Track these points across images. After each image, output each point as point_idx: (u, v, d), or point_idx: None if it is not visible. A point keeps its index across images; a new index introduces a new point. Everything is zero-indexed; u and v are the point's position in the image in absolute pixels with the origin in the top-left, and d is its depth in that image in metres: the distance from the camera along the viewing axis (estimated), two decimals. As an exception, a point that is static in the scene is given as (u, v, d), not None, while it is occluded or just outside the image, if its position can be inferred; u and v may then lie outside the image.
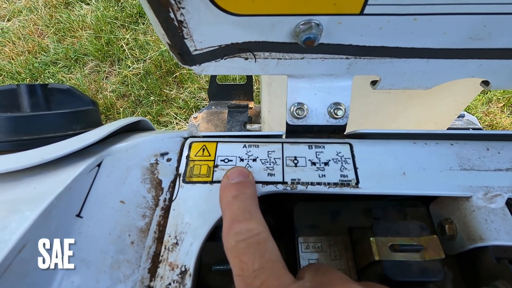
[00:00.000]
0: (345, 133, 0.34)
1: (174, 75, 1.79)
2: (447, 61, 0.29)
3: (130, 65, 1.79)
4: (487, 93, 1.65)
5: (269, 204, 0.42)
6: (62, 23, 1.89)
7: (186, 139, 0.31)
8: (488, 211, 0.26)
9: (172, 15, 0.24)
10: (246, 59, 0.30)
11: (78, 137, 0.23)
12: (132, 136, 0.28)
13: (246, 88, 0.99)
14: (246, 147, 0.30)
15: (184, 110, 1.72)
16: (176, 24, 0.25)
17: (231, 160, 0.29)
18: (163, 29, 0.26)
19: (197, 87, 1.77)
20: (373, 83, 0.35)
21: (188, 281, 0.22)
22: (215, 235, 0.41)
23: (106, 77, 1.80)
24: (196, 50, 0.29)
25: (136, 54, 1.83)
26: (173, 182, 0.28)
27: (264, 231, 0.20)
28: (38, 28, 1.88)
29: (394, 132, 0.31)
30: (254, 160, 0.29)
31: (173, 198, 0.26)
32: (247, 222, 0.20)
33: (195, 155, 0.29)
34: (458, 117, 0.89)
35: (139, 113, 1.69)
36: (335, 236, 0.30)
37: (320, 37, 0.25)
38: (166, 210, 0.26)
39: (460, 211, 0.27)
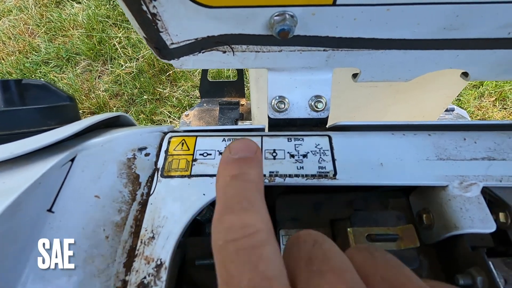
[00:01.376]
0: (327, 126, 0.35)
1: (167, 74, 1.78)
2: (424, 52, 0.29)
3: (123, 64, 1.78)
4: (479, 87, 1.66)
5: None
6: (53, 22, 1.87)
7: (165, 133, 0.31)
8: (464, 200, 0.26)
9: (144, 7, 0.24)
10: (224, 52, 0.30)
11: (50, 132, 0.23)
12: (109, 132, 0.28)
13: (238, 85, 0.99)
14: (225, 140, 0.30)
15: (178, 108, 1.71)
16: (150, 17, 0.25)
17: (210, 154, 0.29)
18: (138, 22, 0.26)
19: (191, 85, 1.77)
20: (354, 76, 0.35)
21: (164, 274, 0.22)
22: (200, 230, 0.41)
23: (99, 76, 1.79)
24: (173, 43, 0.29)
25: (129, 53, 1.82)
26: (151, 176, 0.28)
27: (263, 230, 0.14)
28: (29, 28, 1.86)
29: (373, 124, 0.31)
30: (233, 153, 0.29)
31: (151, 192, 0.26)
32: (243, 214, 0.15)
33: (174, 150, 0.29)
34: (448, 111, 0.90)
35: (133, 112, 1.68)
36: (317, 228, 0.30)
37: (294, 28, 0.25)
38: (144, 204, 0.26)
39: (437, 201, 0.27)
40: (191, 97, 1.73)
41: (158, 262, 0.23)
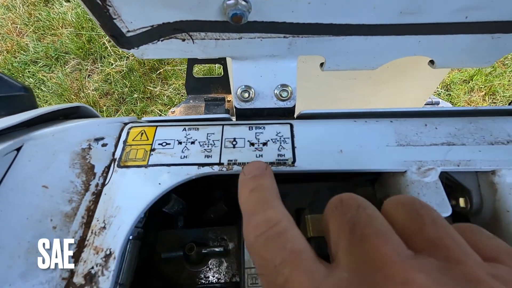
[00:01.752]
0: (295, 116, 0.34)
1: (158, 72, 1.77)
2: (385, 38, 0.29)
3: (113, 62, 1.77)
4: (469, 82, 1.66)
5: (224, 190, 0.42)
6: (41, 21, 1.86)
7: (126, 124, 0.30)
8: (422, 185, 0.25)
9: (92, -8, 0.24)
10: (183, 40, 0.29)
11: (-6, 120, 0.23)
12: (65, 122, 0.28)
13: (224, 81, 0.98)
14: (186, 130, 0.29)
15: (169, 106, 1.70)
16: (99, 2, 0.25)
17: (169, 144, 0.28)
18: (88, 8, 0.25)
19: (182, 83, 1.76)
20: (321, 65, 0.35)
21: (112, 264, 0.22)
22: (172, 222, 0.41)
23: (89, 75, 1.77)
24: (129, 31, 0.28)
25: (119, 51, 1.81)
26: (108, 167, 0.27)
27: (284, 219, 0.17)
28: (17, 27, 1.84)
29: (337, 112, 0.31)
30: (193, 142, 0.28)
31: (106, 182, 0.26)
32: (265, 213, 0.17)
33: (133, 140, 0.29)
34: (433, 104, 0.90)
35: (123, 111, 1.66)
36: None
37: (248, 13, 0.25)
38: (98, 195, 0.25)
39: (396, 187, 0.27)
40: (182, 95, 1.72)
41: (107, 252, 0.22)
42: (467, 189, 0.27)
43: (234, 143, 0.28)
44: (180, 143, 0.28)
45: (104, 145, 0.28)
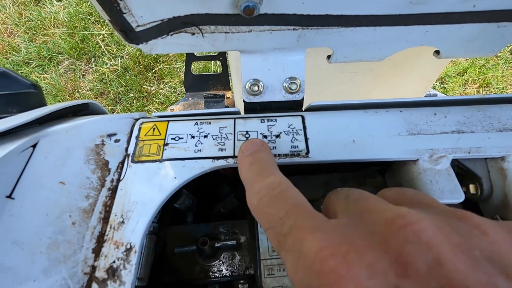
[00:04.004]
0: (303, 108, 0.34)
1: (153, 70, 1.76)
2: (393, 28, 0.29)
3: (108, 62, 1.75)
4: (463, 75, 1.69)
5: (234, 184, 0.42)
6: (33, 21, 1.82)
7: (137, 120, 0.30)
8: (434, 173, 0.26)
9: (103, -14, 0.23)
10: (193, 34, 0.29)
11: (8, 118, 0.22)
12: (76, 119, 0.27)
13: (222, 78, 0.98)
14: (198, 124, 0.29)
15: (166, 105, 1.69)
16: (110, -4, 0.24)
17: (182, 138, 0.28)
18: (99, 3, 0.25)
19: (178, 81, 1.74)
20: (329, 57, 0.35)
21: (133, 257, 0.22)
22: (181, 217, 0.41)
23: (83, 75, 1.75)
24: (138, 26, 0.28)
25: (113, 50, 1.79)
26: (122, 163, 0.27)
27: (284, 182, 0.19)
28: (7, 28, 1.81)
29: (347, 103, 0.31)
30: (206, 136, 0.28)
31: (121, 178, 0.26)
32: (265, 179, 0.19)
33: (145, 135, 0.29)
34: (431, 96, 0.90)
35: (119, 110, 1.65)
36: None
37: (260, 5, 0.25)
38: (113, 190, 0.25)
39: (408, 175, 0.27)
40: (178, 94, 1.71)
41: (127, 246, 0.22)
42: (477, 176, 0.28)
43: (247, 136, 0.28)
44: (193, 137, 0.28)
45: (117, 140, 0.28)
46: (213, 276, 0.33)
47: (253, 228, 0.31)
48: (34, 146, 0.23)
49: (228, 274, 0.33)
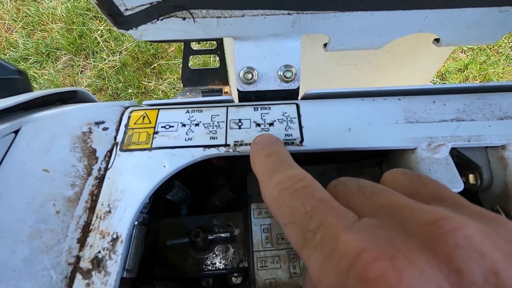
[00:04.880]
0: (299, 98, 0.33)
1: (152, 66, 1.74)
2: (391, 13, 0.28)
3: (106, 57, 1.74)
4: (464, 71, 1.67)
5: (228, 176, 0.41)
6: (30, 16, 1.81)
7: (127, 108, 0.29)
8: (432, 161, 0.25)
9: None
10: (184, 19, 0.28)
11: (-11, 102, 0.22)
12: (63, 106, 0.26)
13: (220, 72, 0.97)
14: (189, 112, 0.28)
15: (164, 101, 1.68)
16: (96, -23, 0.23)
17: (173, 126, 0.27)
18: (85, -15, 0.24)
19: (177, 77, 1.73)
20: (325, 45, 0.34)
21: (120, 247, 0.21)
22: (174, 210, 0.40)
23: (81, 71, 1.74)
24: (127, 9, 0.27)
25: (112, 46, 1.77)
26: (110, 151, 0.26)
27: (308, 175, 0.17)
28: (5, 23, 1.79)
29: (343, 91, 0.30)
30: (197, 125, 0.28)
31: (109, 167, 0.25)
32: (286, 171, 0.18)
33: (134, 123, 0.28)
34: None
35: (118, 106, 1.64)
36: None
37: (252, -13, 0.24)
38: (101, 179, 0.24)
39: (406, 164, 0.26)
40: (177, 90, 1.70)
41: (114, 236, 0.22)
42: (477, 166, 0.27)
43: (239, 124, 0.28)
44: (184, 125, 0.28)
45: (105, 129, 0.27)
46: (206, 269, 0.32)
47: (247, 220, 0.30)
48: (16, 132, 0.22)
49: (221, 267, 0.32)
